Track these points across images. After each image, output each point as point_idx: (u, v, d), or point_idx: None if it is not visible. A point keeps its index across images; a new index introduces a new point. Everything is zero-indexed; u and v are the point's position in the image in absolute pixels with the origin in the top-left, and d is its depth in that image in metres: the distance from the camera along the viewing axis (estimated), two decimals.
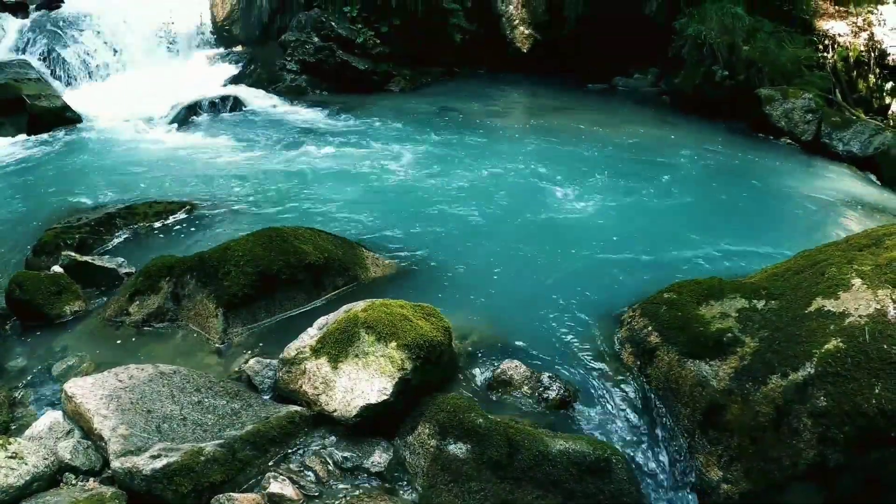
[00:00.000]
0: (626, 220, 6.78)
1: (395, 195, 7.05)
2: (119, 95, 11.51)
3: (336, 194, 7.01)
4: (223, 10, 14.09)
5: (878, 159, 10.16)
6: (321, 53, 12.09)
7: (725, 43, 11.57)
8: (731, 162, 9.26)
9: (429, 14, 12.46)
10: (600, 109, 11.57)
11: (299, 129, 9.73)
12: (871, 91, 12.25)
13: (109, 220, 6.23)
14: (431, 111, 10.70)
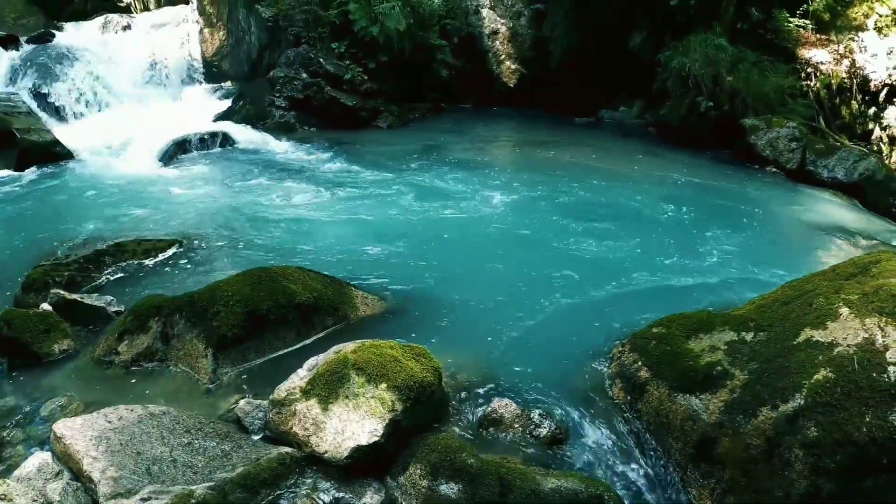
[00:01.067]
0: (613, 253, 6.80)
1: (384, 233, 7.06)
2: (109, 130, 11.61)
3: (325, 232, 7.03)
4: (212, 45, 14.23)
5: (862, 185, 10.26)
6: (309, 90, 12.18)
7: (709, 74, 11.71)
8: (717, 192, 9.31)
9: (416, 50, 12.60)
10: (586, 143, 11.65)
11: (288, 167, 9.76)
12: (854, 117, 12.37)
13: (98, 257, 6.22)
14: (419, 148, 10.75)
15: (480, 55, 13.64)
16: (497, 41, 13.49)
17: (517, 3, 13.23)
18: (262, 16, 13.18)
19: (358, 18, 12.33)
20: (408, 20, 12.29)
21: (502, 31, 13.43)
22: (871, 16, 12.55)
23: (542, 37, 13.25)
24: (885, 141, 12.07)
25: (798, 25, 13.01)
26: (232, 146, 10.88)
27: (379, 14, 12.23)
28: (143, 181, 9.19)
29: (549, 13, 13.10)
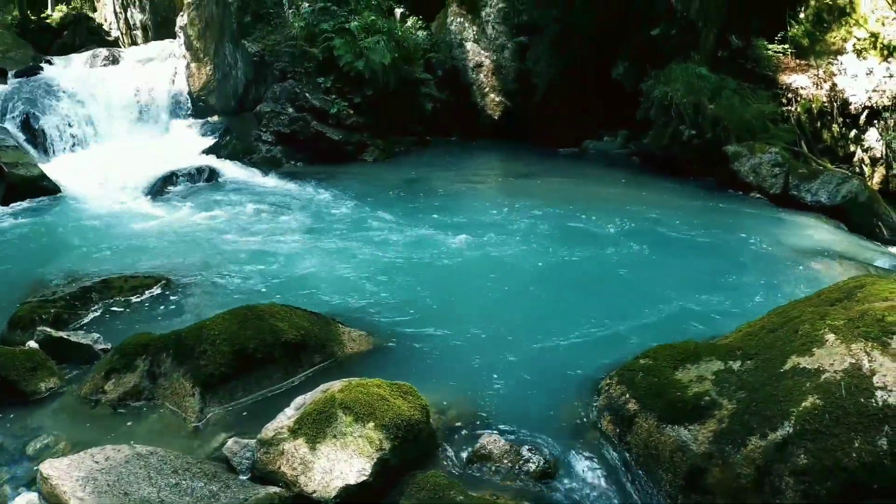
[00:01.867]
0: (599, 284, 6.82)
1: (370, 268, 7.04)
2: (96, 165, 11.66)
3: (311, 268, 7.02)
4: (199, 80, 14.30)
5: (846, 207, 10.37)
6: (296, 124, 12.24)
7: (691, 103, 11.85)
8: (701, 220, 9.36)
9: (401, 84, 12.68)
10: (571, 174, 11.74)
11: (274, 202, 9.75)
12: (835, 140, 12.52)
13: (85, 293, 6.19)
14: (404, 182, 10.80)
15: (465, 88, 13.75)
16: (481, 74, 13.61)
17: (501, 36, 13.36)
18: (248, 51, 13.27)
19: (343, 53, 12.43)
20: (392, 54, 12.40)
21: (486, 63, 13.56)
22: (849, 39, 12.76)
23: (525, 69, 13.38)
24: (866, 162, 12.21)
25: (777, 52, 13.22)
26: (219, 181, 10.90)
27: (364, 49, 12.33)
28: (130, 216, 9.19)
29: (532, 46, 13.24)
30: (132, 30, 22.26)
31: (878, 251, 9.33)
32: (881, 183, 12.08)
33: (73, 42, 20.44)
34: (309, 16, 13.27)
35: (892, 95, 12.12)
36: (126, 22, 22.39)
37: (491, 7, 13.36)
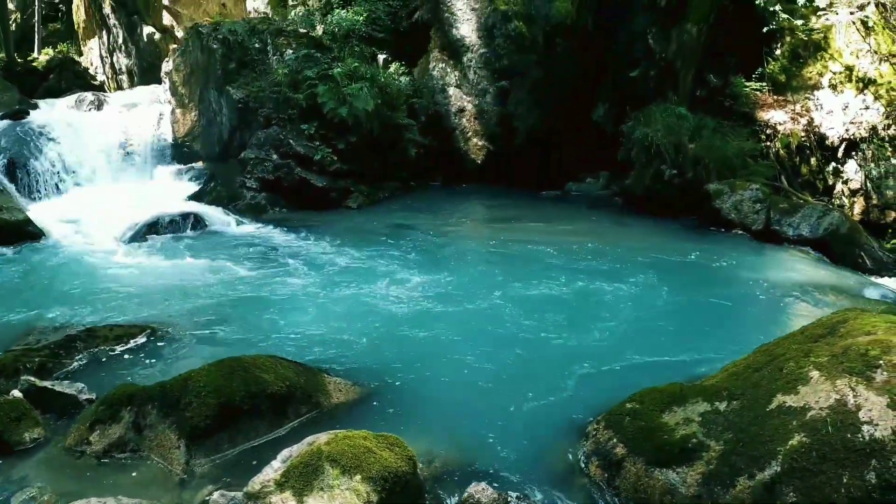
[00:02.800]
0: (584, 326, 6.81)
1: (355, 317, 7.01)
2: (81, 209, 11.63)
3: (296, 317, 6.98)
4: (184, 126, 14.37)
5: (828, 239, 10.45)
6: (280, 171, 12.25)
7: (672, 143, 11.98)
8: (685, 259, 9.40)
9: (384, 130, 12.77)
10: (554, 217, 11.78)
11: (259, 250, 9.72)
12: (815, 174, 12.66)
13: (69, 342, 6.15)
14: (388, 229, 10.77)
15: (448, 133, 13.84)
16: (464, 119, 13.72)
17: (482, 80, 13.50)
18: (232, 97, 13.35)
19: (327, 100, 12.52)
20: (376, 101, 12.49)
21: (468, 108, 13.68)
22: (825, 74, 12.98)
23: (507, 113, 13.50)
24: (846, 194, 12.34)
25: (755, 89, 13.42)
26: (203, 228, 10.87)
27: (347, 95, 12.42)
28: (115, 263, 9.14)
29: (514, 90, 13.38)
30: (118, 74, 22.39)
31: (861, 282, 9.39)
32: (862, 214, 12.21)
33: (59, 86, 20.53)
34: (293, 63, 13.39)
35: (868, 127, 12.31)
36: (112, 66, 22.53)
37: (472, 52, 13.51)
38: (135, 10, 21.11)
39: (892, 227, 11.94)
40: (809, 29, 13.14)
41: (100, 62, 23.03)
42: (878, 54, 12.53)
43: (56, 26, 26.13)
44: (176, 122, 14.56)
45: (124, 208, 11.37)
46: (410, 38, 14.36)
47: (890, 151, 12.12)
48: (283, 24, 14.54)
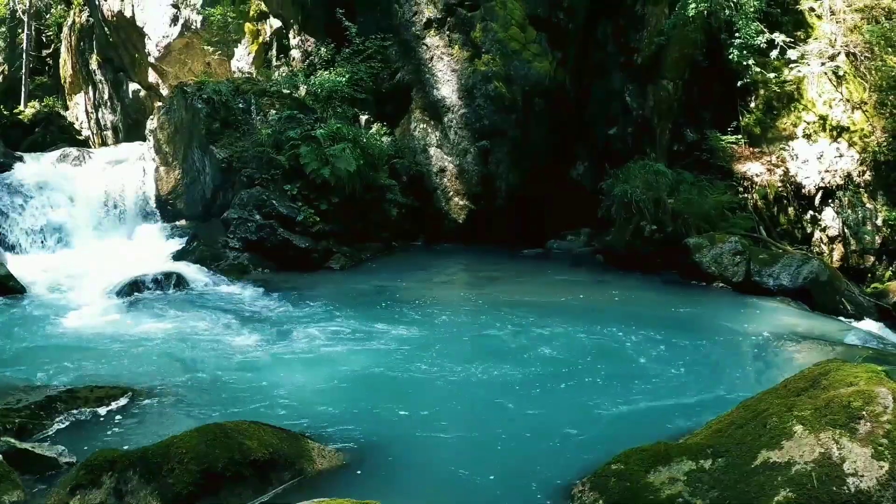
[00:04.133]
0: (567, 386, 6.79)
1: (340, 380, 6.96)
2: (63, 265, 11.59)
3: (279, 380, 6.92)
4: (168, 184, 14.41)
5: (808, 288, 10.55)
6: (263, 231, 12.25)
7: (651, 199, 12.13)
8: (666, 314, 9.42)
9: (366, 190, 12.85)
10: (536, 275, 11.84)
11: (242, 311, 9.64)
12: (792, 223, 12.84)
13: (50, 403, 6.04)
14: (370, 290, 10.72)
15: (429, 193, 13.92)
16: (445, 178, 13.82)
17: (463, 140, 13.65)
18: (216, 157, 13.42)
19: (309, 161, 12.60)
20: (358, 161, 12.57)
21: (450, 168, 13.80)
22: (799, 124, 13.25)
23: (488, 173, 13.62)
24: (825, 241, 12.52)
25: (731, 143, 13.66)
26: (186, 288, 10.78)
27: (330, 156, 12.52)
28: (96, 321, 9.04)
29: (494, 150, 13.53)
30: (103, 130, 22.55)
31: (844, 328, 9.48)
32: (841, 260, 12.38)
33: (44, 139, 20.65)
34: (276, 123, 13.52)
35: (843, 174, 12.54)
36: (97, 122, 22.71)
37: (453, 113, 13.70)
38: (121, 67, 21.38)
39: (871, 272, 12.10)
40: (782, 81, 13.42)
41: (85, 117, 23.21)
42: (851, 102, 12.82)
43: (43, 80, 26.37)
44: (160, 180, 14.59)
45: (107, 265, 11.33)
46: (392, 99, 14.56)
47: (866, 197, 12.33)
48: (267, 85, 14.72)
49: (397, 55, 14.44)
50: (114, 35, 20.76)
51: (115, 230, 13.80)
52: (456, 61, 13.67)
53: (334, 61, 14.47)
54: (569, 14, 13.93)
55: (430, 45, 13.91)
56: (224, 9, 16.35)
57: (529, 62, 13.44)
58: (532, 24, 13.70)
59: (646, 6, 14.35)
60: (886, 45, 12.71)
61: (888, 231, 12.04)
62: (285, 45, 16.47)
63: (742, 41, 13.09)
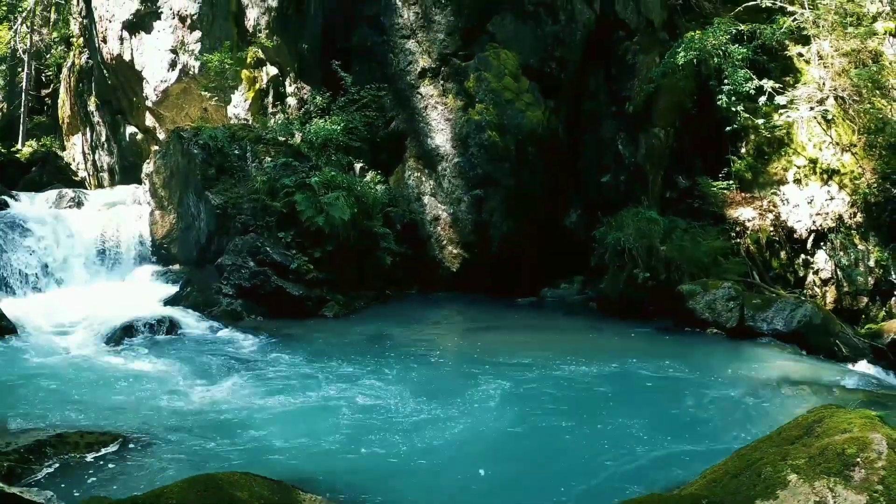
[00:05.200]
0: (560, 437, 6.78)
1: (331, 430, 6.91)
2: (56, 307, 11.53)
3: (271, 430, 6.87)
4: (163, 228, 14.43)
5: (802, 331, 10.61)
6: (257, 278, 12.23)
7: (644, 246, 12.19)
8: (660, 362, 9.39)
9: (361, 239, 12.87)
10: (530, 324, 11.82)
11: (234, 358, 9.58)
12: (785, 267, 12.88)
13: (40, 447, 6.01)
14: (364, 339, 10.67)
15: (423, 241, 13.94)
16: (439, 227, 13.86)
17: (457, 189, 13.71)
18: (211, 203, 13.44)
19: (304, 209, 12.64)
20: (352, 209, 12.62)
21: (443, 216, 13.84)
22: (789, 168, 13.36)
23: (481, 221, 13.64)
24: (818, 284, 12.55)
25: (722, 188, 13.75)
26: (178, 333, 10.75)
27: (324, 204, 12.56)
28: (88, 365, 9.00)
29: (488, 199, 13.58)
30: (99, 171, 22.53)
31: (838, 371, 9.55)
32: (835, 302, 12.39)
33: (40, 179, 20.63)
34: (271, 170, 13.58)
35: (835, 217, 12.61)
36: (94, 163, 22.69)
37: (447, 161, 13.79)
38: (119, 110, 21.46)
39: (865, 313, 12.11)
40: (772, 126, 13.56)
41: (82, 158, 23.23)
42: (840, 145, 12.94)
43: (41, 119, 26.46)
44: (154, 224, 14.61)
45: (100, 308, 11.29)
46: (387, 148, 14.65)
47: (857, 239, 12.39)
48: (263, 132, 14.81)
49: (392, 104, 14.58)
50: (112, 78, 20.91)
51: (109, 272, 13.78)
52: (450, 110, 13.84)
53: (330, 109, 14.58)
54: (561, 64, 14.12)
55: (425, 94, 14.09)
56: (222, 55, 16.47)
57: (523, 111, 13.58)
58: (525, 73, 13.87)
59: (636, 55, 14.58)
60: (874, 88, 12.89)
61: (880, 271, 12.08)
62: (282, 92, 16.61)
63: (731, 88, 13.25)
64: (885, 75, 13.08)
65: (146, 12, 18.83)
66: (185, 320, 11.17)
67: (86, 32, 22.12)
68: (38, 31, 26.44)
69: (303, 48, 15.74)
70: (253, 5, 16.47)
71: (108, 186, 20.83)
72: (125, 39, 19.66)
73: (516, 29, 13.98)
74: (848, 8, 14.00)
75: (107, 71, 20.98)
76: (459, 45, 14.00)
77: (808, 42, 14.05)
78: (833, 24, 13.68)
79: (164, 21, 18.51)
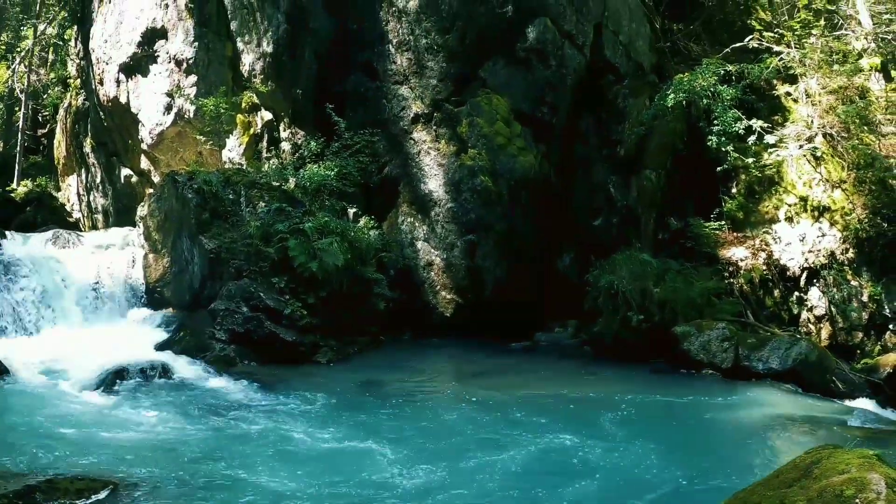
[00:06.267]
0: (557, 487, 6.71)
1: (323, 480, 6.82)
2: (49, 350, 11.44)
3: (263, 479, 6.78)
4: (156, 271, 14.38)
5: (798, 370, 10.62)
6: (250, 324, 12.16)
7: (637, 289, 12.20)
8: (655, 405, 9.39)
9: (354, 284, 12.85)
10: (524, 370, 11.75)
11: (226, 404, 9.50)
12: (779, 305, 12.88)
13: (30, 492, 5.98)
14: (358, 385, 10.61)
15: (417, 286, 13.92)
16: (432, 272, 13.84)
17: (450, 234, 13.72)
18: (205, 247, 13.39)
19: (297, 254, 12.63)
20: (345, 255, 12.61)
21: (437, 262, 13.83)
22: (781, 207, 13.41)
23: (475, 266, 13.62)
24: (812, 321, 12.53)
25: (714, 229, 13.81)
26: (171, 378, 10.65)
27: (318, 250, 12.56)
28: (79, 409, 8.94)
29: (481, 244, 13.59)
30: (94, 213, 22.54)
31: (835, 408, 9.58)
32: (829, 338, 12.33)
33: (34, 219, 20.66)
34: (265, 216, 13.59)
35: (827, 253, 12.64)
36: (88, 205, 22.71)
37: (440, 207, 13.82)
38: (114, 152, 21.54)
39: (860, 348, 12.08)
40: (762, 165, 13.64)
41: (77, 199, 23.26)
42: (830, 182, 12.99)
43: (37, 159, 26.66)
44: (148, 268, 14.56)
45: (92, 351, 11.21)
46: (380, 193, 14.72)
47: (850, 275, 12.40)
48: (257, 177, 14.85)
49: (385, 149, 14.68)
50: (108, 120, 21.05)
51: (102, 315, 13.69)
52: (443, 156, 13.93)
53: (323, 155, 14.68)
54: (552, 109, 14.25)
55: (418, 139, 14.22)
56: (217, 100, 16.63)
57: (515, 156, 13.68)
58: (517, 118, 14.01)
59: (626, 99, 14.76)
60: (861, 124, 13.02)
61: (874, 306, 12.06)
62: (276, 137, 16.72)
63: (721, 128, 13.36)
64: (872, 111, 13.26)
65: (143, 56, 19.05)
66: (177, 365, 11.09)
67: (83, 74, 22.38)
68: (36, 71, 26.84)
69: (297, 93, 15.90)
70: (248, 51, 16.63)
71: (103, 228, 20.81)
72: (122, 82, 19.87)
73: (508, 74, 14.17)
74: (834, 46, 14.30)
75: (103, 113, 21.15)
76: (452, 90, 14.17)
77: (796, 81, 14.26)
78: (819, 62, 13.92)
79: (160, 65, 18.72)
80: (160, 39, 18.65)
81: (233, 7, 16.95)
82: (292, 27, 15.70)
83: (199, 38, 17.84)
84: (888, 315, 11.99)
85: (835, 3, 16.22)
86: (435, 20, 14.10)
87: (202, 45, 17.82)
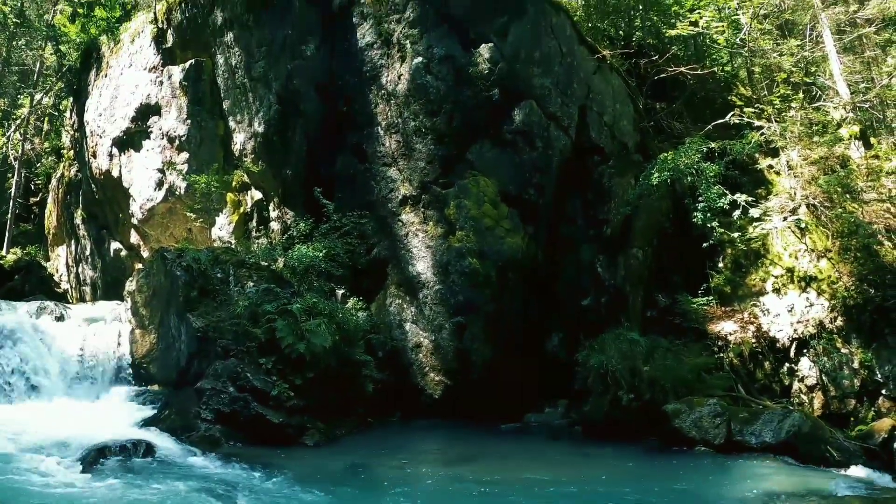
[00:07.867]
0: None
1: None
2: (29, 423, 11.27)
3: None
4: (143, 347, 14.32)
5: (792, 442, 10.62)
6: (236, 404, 12.04)
7: (627, 368, 12.23)
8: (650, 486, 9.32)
9: (342, 366, 12.79)
10: (515, 453, 11.66)
11: (210, 487, 9.25)
12: (770, 377, 12.93)
13: None
14: (344, 469, 10.46)
15: (405, 368, 13.86)
16: (420, 354, 13.79)
17: (438, 316, 13.71)
18: (192, 325, 13.32)
19: (285, 335, 12.58)
20: (333, 337, 12.56)
21: (425, 343, 13.80)
22: (767, 279, 13.56)
23: (463, 348, 13.58)
24: (804, 391, 12.55)
25: (702, 304, 13.90)
26: (154, 458, 10.47)
27: (306, 331, 12.53)
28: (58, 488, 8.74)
29: (469, 325, 13.57)
30: (82, 285, 22.53)
31: (831, 478, 9.55)
32: (822, 407, 12.32)
33: (22, 288, 20.65)
34: (253, 295, 13.55)
35: (815, 323, 12.71)
36: (77, 276, 22.72)
37: (428, 289, 13.85)
38: (105, 225, 21.65)
39: (854, 415, 12.06)
40: (748, 239, 13.84)
41: (65, 270, 23.30)
42: (815, 252, 13.15)
43: (28, 227, 26.81)
44: (135, 343, 14.46)
45: (75, 427, 11.08)
46: (368, 274, 14.74)
47: (840, 343, 12.44)
48: (246, 256, 14.91)
49: (373, 231, 14.78)
50: (100, 192, 21.19)
51: (86, 390, 13.56)
52: (431, 238, 14.01)
53: (312, 235, 14.76)
54: (539, 190, 14.38)
55: (406, 221, 14.31)
56: (209, 178, 16.80)
57: (502, 238, 13.78)
58: (504, 200, 14.12)
59: (612, 179, 14.97)
60: (844, 193, 13.23)
61: (866, 372, 12.08)
62: (265, 216, 16.84)
63: (706, 204, 13.48)
64: (853, 179, 13.48)
65: (136, 131, 19.39)
66: (161, 444, 10.94)
67: (76, 145, 22.69)
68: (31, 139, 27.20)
69: (287, 174, 16.09)
70: (240, 130, 16.88)
71: (90, 301, 20.83)
72: (114, 156, 20.15)
73: (495, 156, 14.34)
74: (813, 117, 14.62)
75: (95, 185, 21.34)
76: (439, 172, 14.30)
77: (778, 153, 14.59)
78: (800, 134, 14.24)
79: (153, 140, 19.01)
80: (154, 115, 19.01)
81: (226, 87, 17.28)
82: (284, 108, 15.99)
83: (192, 115, 18.14)
84: (880, 380, 12.03)
85: (812, 75, 16.65)
86: (423, 103, 14.33)
87: (195, 122, 18.11)
